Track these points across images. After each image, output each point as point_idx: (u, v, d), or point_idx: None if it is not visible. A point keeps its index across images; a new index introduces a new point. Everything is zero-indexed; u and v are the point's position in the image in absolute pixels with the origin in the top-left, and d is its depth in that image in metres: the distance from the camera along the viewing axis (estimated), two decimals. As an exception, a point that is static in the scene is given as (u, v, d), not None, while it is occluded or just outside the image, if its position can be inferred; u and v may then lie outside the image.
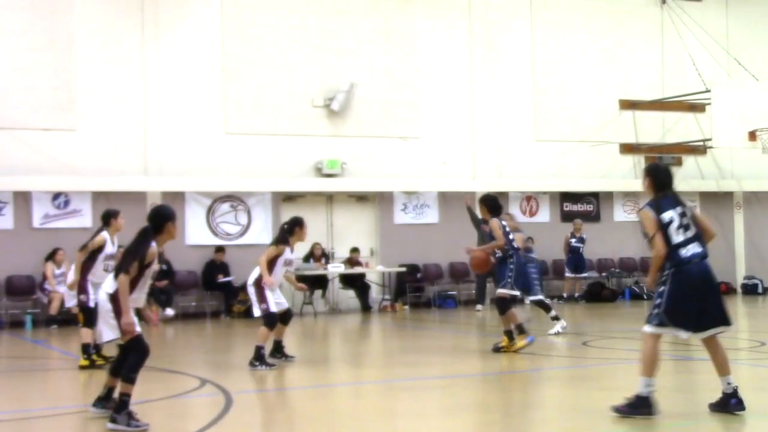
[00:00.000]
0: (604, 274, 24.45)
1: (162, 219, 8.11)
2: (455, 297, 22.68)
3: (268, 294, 11.76)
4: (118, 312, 7.90)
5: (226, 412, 8.59)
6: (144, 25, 20.76)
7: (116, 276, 7.97)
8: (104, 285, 8.19)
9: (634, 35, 25.42)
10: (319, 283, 21.21)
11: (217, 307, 20.93)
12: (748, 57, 25.25)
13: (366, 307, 21.83)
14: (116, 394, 7.96)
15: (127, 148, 20.46)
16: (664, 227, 7.67)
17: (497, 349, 12.48)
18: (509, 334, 12.51)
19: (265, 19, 21.80)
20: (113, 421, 7.74)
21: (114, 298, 7.96)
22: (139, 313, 8.32)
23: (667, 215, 7.69)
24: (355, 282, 22.02)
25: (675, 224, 7.67)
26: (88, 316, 11.46)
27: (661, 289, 7.66)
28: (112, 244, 11.99)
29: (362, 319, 20.43)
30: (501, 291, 12.67)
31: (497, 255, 12.88)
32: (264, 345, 11.67)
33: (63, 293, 14.76)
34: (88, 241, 12.07)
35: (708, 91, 23.37)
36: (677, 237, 7.65)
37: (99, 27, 20.45)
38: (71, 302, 12.48)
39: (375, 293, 22.39)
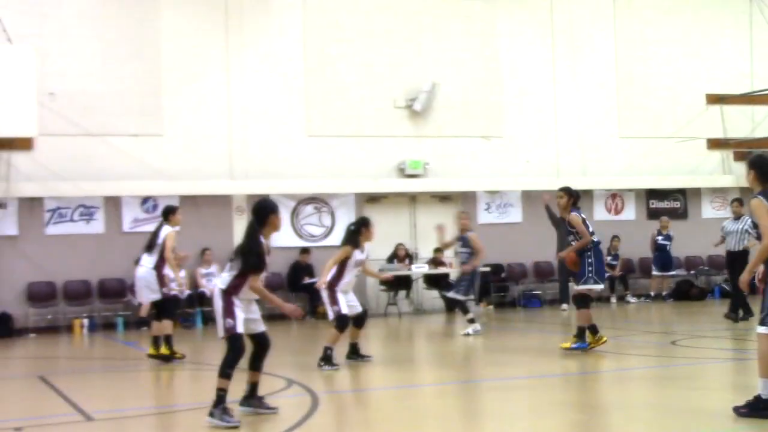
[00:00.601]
0: (692, 272, 23.99)
1: (265, 211, 8.33)
2: (540, 296, 22.51)
3: (340, 296, 11.85)
4: (227, 310, 8.09)
5: (313, 412, 8.68)
6: (228, 31, 21.04)
7: (241, 275, 8.10)
8: (217, 280, 8.43)
9: (721, 28, 24.90)
10: (403, 283, 21.24)
11: (303, 309, 21.04)
12: (841, 47, 24.56)
13: (450, 308, 21.74)
14: (214, 388, 8.09)
15: (212, 152, 20.78)
16: None
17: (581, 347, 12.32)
18: (583, 331, 12.40)
19: (346, 21, 21.93)
20: (211, 415, 7.98)
21: (225, 294, 8.16)
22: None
23: None
24: (440, 282, 22.00)
25: None
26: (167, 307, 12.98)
27: None
28: None
29: (447, 320, 20.41)
30: (581, 287, 12.47)
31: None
32: (332, 346, 11.77)
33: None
34: (163, 242, 12.77)
35: (799, 83, 22.81)
36: None
37: (184, 34, 20.79)
38: (151, 296, 12.92)
39: (459, 293, 22.31)
